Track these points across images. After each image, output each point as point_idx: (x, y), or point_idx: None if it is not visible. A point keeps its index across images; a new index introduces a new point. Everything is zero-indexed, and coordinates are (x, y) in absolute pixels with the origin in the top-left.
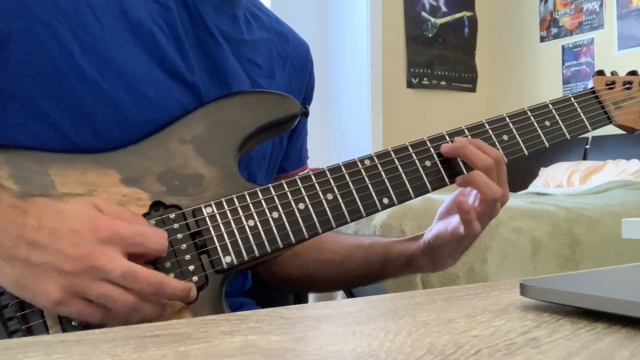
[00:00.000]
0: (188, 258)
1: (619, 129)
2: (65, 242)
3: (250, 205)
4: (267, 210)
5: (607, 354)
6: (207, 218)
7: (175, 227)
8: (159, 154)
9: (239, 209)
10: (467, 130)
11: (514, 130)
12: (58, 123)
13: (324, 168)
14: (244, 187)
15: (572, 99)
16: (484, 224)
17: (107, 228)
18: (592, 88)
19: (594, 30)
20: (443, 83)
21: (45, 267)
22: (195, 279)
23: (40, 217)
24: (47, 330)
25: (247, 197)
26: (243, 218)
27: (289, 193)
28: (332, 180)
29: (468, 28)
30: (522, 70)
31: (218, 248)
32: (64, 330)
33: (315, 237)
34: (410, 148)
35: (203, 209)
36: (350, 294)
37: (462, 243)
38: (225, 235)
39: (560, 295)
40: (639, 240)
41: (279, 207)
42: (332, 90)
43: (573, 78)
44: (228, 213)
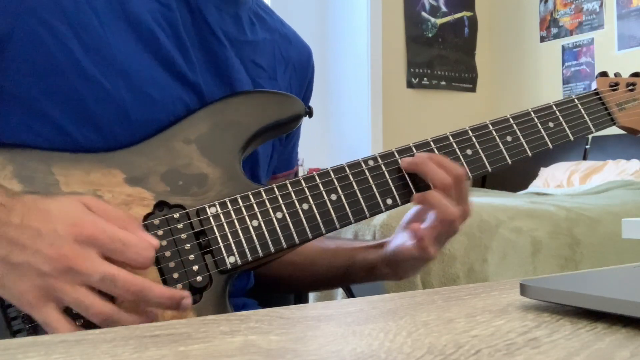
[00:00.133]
0: (192, 258)
1: (620, 130)
2: (45, 242)
3: (254, 206)
4: (271, 211)
5: (607, 354)
6: (211, 218)
7: (179, 226)
8: (163, 154)
9: (243, 209)
10: (470, 132)
11: (518, 132)
12: (61, 122)
13: (328, 168)
14: (248, 187)
15: (575, 101)
16: (442, 243)
17: (89, 229)
18: (595, 89)
19: (594, 30)
20: (443, 83)
21: (24, 267)
22: (199, 279)
23: (24, 215)
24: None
25: (251, 197)
26: (247, 218)
27: (293, 193)
28: (335, 181)
29: (468, 28)
30: (522, 70)
31: (222, 248)
32: None
33: None
34: (414, 149)
35: (207, 209)
36: (351, 294)
37: (417, 260)
38: (229, 236)
39: (560, 295)
40: (639, 240)
41: (283, 207)
42: (332, 90)
43: (573, 78)
44: (232, 213)
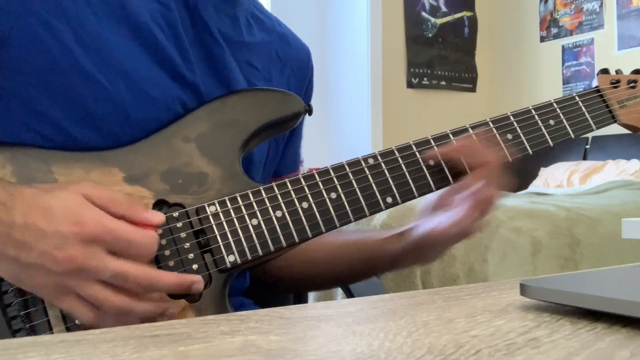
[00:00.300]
0: (191, 257)
1: (621, 128)
2: (51, 243)
3: (254, 204)
4: (270, 209)
5: (607, 354)
6: (210, 217)
7: (179, 225)
8: (163, 153)
9: (243, 208)
10: (471, 129)
11: (519, 129)
12: (60, 122)
13: (328, 167)
14: (248, 185)
15: (576, 98)
16: (479, 222)
17: (91, 228)
18: (596, 87)
19: (594, 30)
20: (443, 83)
21: (35, 267)
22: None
23: (27, 214)
24: (50, 329)
25: (250, 195)
26: (246, 217)
27: (293, 192)
28: (335, 179)
29: (468, 28)
30: (522, 70)
31: (221, 247)
32: (68, 329)
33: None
34: (415, 147)
35: (206, 208)
36: (350, 294)
37: (451, 241)
38: (229, 234)
39: (560, 295)
40: (639, 240)
41: (283, 205)
42: (332, 90)
43: (573, 78)
44: (231, 212)
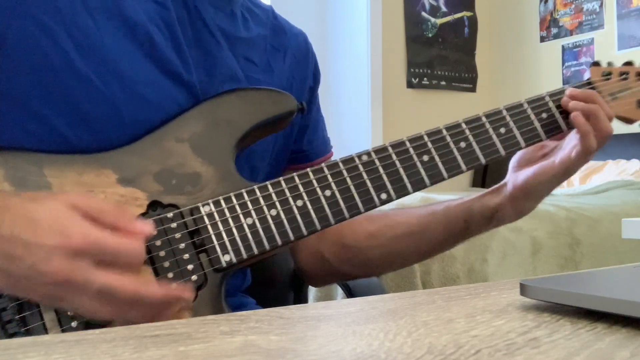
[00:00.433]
0: (186, 257)
1: (621, 128)
2: (38, 256)
3: (248, 203)
4: (265, 208)
5: (607, 354)
6: (205, 217)
7: (173, 226)
8: (156, 153)
9: (237, 207)
10: (464, 124)
11: (511, 123)
12: (54, 123)
13: (322, 165)
14: (242, 185)
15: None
16: (579, 168)
17: (77, 240)
18: (588, 79)
19: (594, 30)
20: (443, 83)
21: (25, 278)
22: (194, 278)
23: (13, 226)
24: (46, 332)
25: (244, 195)
26: (241, 216)
27: (287, 190)
28: (329, 177)
29: (468, 28)
30: (522, 70)
31: (216, 247)
32: (64, 332)
33: (384, 214)
34: (408, 143)
35: (201, 208)
36: (350, 294)
37: (556, 181)
38: (224, 234)
39: (560, 295)
40: (639, 240)
41: (277, 204)
42: (332, 90)
43: (573, 78)
44: (226, 211)
